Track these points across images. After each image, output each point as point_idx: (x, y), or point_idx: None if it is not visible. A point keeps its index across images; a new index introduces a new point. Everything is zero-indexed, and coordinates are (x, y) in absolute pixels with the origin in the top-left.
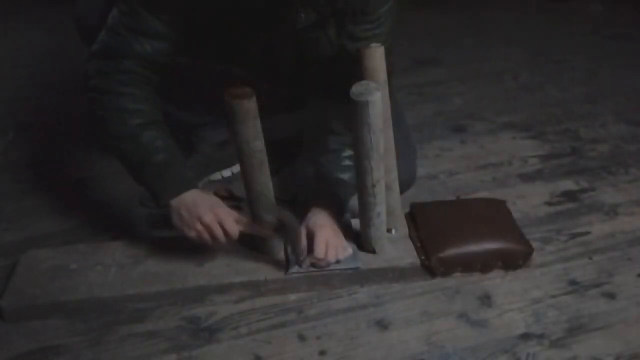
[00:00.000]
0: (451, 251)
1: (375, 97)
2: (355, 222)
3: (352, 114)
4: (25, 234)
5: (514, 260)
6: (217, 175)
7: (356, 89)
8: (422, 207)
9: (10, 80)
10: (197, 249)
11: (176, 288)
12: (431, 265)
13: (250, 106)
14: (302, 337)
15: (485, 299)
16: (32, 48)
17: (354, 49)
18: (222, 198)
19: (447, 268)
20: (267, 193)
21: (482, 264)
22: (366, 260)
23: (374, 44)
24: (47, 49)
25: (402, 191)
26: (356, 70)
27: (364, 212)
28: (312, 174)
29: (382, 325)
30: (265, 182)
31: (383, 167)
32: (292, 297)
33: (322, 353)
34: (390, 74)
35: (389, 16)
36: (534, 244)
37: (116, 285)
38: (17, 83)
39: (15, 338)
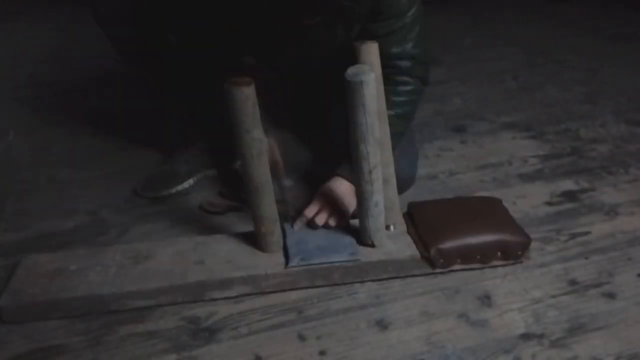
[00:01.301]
0: (450, 242)
1: (369, 77)
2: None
3: (347, 96)
4: (25, 234)
5: (512, 250)
6: (214, 172)
7: (351, 71)
8: (419, 206)
9: (10, 80)
10: (196, 249)
11: (176, 284)
12: (430, 257)
13: (249, 93)
14: (302, 337)
15: (485, 299)
16: (32, 48)
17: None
18: (224, 197)
19: (447, 259)
20: (267, 184)
21: (482, 254)
22: (365, 254)
23: (368, 41)
24: (47, 48)
25: (402, 191)
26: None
27: (362, 203)
28: (325, 153)
29: (382, 325)
30: (264, 172)
31: (379, 153)
32: (293, 297)
33: (322, 353)
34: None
35: (409, 8)
36: (534, 244)
37: (116, 283)
38: (17, 83)
39: (15, 338)
